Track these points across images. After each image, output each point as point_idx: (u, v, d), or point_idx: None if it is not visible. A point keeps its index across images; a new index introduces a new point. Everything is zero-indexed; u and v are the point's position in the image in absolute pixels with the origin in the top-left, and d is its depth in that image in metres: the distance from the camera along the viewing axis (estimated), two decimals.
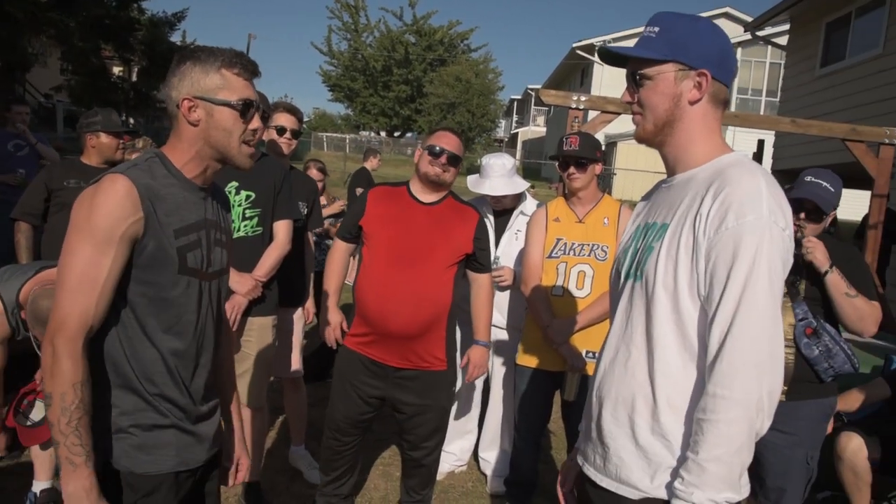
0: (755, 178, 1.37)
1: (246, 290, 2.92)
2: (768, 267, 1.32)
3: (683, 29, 1.45)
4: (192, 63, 1.57)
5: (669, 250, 1.43)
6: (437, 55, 35.84)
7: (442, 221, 2.81)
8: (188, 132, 1.60)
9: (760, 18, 12.60)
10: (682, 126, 1.48)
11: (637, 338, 1.49)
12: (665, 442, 1.43)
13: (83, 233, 1.45)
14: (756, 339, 1.31)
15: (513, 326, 3.62)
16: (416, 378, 2.78)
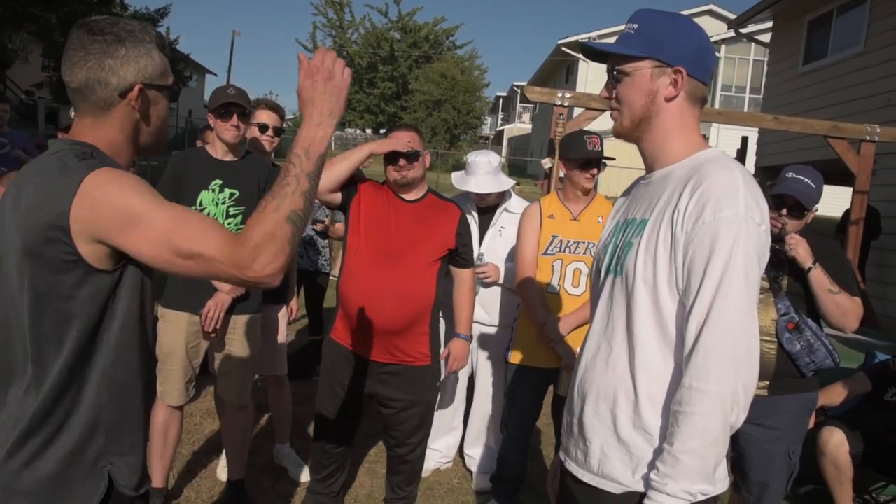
0: (732, 174, 1.39)
1: (229, 288, 2.90)
2: (744, 261, 1.33)
3: (661, 26, 1.47)
4: (132, 44, 1.38)
5: (648, 246, 1.45)
6: (422, 52, 35.79)
7: (425, 218, 2.82)
8: (127, 121, 1.42)
9: (744, 16, 12.69)
10: (659, 122, 1.49)
11: (618, 333, 1.50)
12: (646, 436, 1.44)
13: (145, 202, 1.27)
14: (731, 333, 1.32)
15: (499, 324, 3.62)
16: (400, 374, 2.79)
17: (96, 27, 1.36)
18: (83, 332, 1.31)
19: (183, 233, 1.25)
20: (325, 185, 2.73)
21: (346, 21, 36.85)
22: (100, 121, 1.40)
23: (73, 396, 1.32)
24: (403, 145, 2.75)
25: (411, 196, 2.85)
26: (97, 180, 1.26)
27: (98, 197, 1.25)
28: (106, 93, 1.37)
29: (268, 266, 1.24)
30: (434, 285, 2.79)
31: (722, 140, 19.29)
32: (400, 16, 36.07)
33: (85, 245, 1.27)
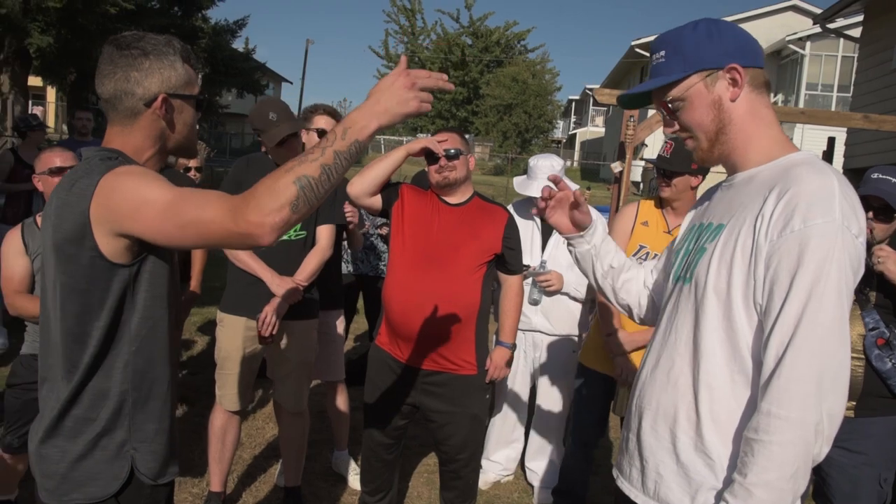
0: (826, 178, 1.25)
1: (286, 294, 2.89)
2: (838, 276, 1.19)
3: (689, 39, 1.38)
4: (156, 56, 1.45)
5: (724, 253, 1.32)
6: (493, 56, 35.70)
7: (469, 222, 2.73)
8: (155, 130, 1.49)
9: (831, 10, 12.05)
10: (735, 126, 1.38)
11: (681, 346, 1.39)
12: (708, 460, 1.32)
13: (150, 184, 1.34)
14: (819, 355, 1.19)
15: (561, 333, 3.50)
16: (445, 384, 2.70)
17: (123, 42, 1.45)
18: (105, 323, 1.40)
19: (186, 204, 1.29)
20: (363, 188, 2.70)
21: (417, 27, 37.17)
22: (127, 129, 1.48)
23: (99, 385, 1.43)
24: (439, 144, 2.67)
25: (455, 199, 2.77)
26: (113, 176, 1.34)
27: (113, 189, 1.33)
28: (132, 102, 1.45)
29: (263, 218, 1.22)
30: (479, 291, 2.69)
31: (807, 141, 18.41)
32: (471, 21, 36.09)
33: (104, 239, 1.35)
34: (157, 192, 1.31)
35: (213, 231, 1.27)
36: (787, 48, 21.79)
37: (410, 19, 37.12)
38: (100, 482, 1.44)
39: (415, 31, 37.13)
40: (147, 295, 1.44)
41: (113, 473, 1.44)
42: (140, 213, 1.31)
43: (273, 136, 2.87)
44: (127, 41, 1.45)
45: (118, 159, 1.42)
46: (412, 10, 37.03)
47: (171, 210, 1.29)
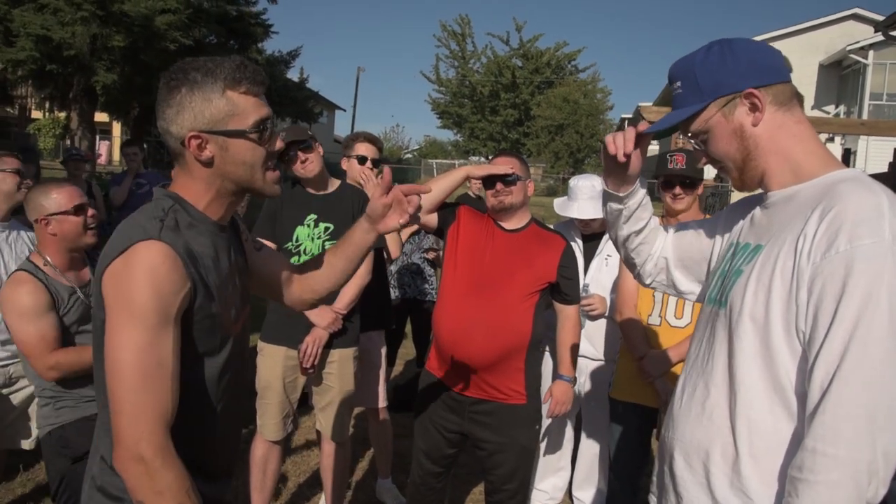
0: (874, 196, 1.16)
1: (326, 324, 2.90)
2: (890, 300, 1.10)
3: (701, 66, 1.32)
4: (188, 89, 1.30)
5: (762, 276, 1.25)
6: (544, 77, 35.69)
7: (523, 248, 2.68)
8: (201, 172, 1.35)
9: (894, 16, 11.60)
10: (762, 151, 1.31)
11: (717, 375, 1.31)
12: (746, 499, 1.24)
13: (134, 320, 1.21)
14: (870, 387, 1.09)
15: (606, 358, 3.40)
16: (493, 413, 2.64)
17: (167, 75, 1.34)
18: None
19: (122, 385, 1.20)
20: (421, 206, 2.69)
21: (468, 51, 37.50)
22: (182, 171, 1.37)
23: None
24: (500, 169, 2.65)
25: (511, 225, 2.73)
26: (134, 256, 1.23)
27: (120, 272, 1.24)
28: (172, 142, 1.34)
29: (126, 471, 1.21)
30: (530, 320, 2.63)
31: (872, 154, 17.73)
32: (521, 43, 36.21)
33: None
34: (129, 337, 1.21)
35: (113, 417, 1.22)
36: (849, 58, 21.12)
37: (461, 43, 37.49)
38: None
39: (465, 54, 37.46)
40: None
41: None
42: (111, 324, 1.23)
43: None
44: (170, 73, 1.33)
45: (164, 218, 1.30)
46: (462, 35, 37.42)
47: (119, 374, 1.21)
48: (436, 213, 2.73)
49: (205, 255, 1.34)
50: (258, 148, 1.37)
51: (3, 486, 3.42)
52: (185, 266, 1.27)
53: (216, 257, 1.38)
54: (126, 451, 1.20)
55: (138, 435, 1.19)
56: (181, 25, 16.78)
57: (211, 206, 1.39)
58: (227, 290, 1.41)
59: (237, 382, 1.50)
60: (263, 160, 1.38)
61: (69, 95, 18.44)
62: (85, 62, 16.33)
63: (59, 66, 16.53)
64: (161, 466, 1.20)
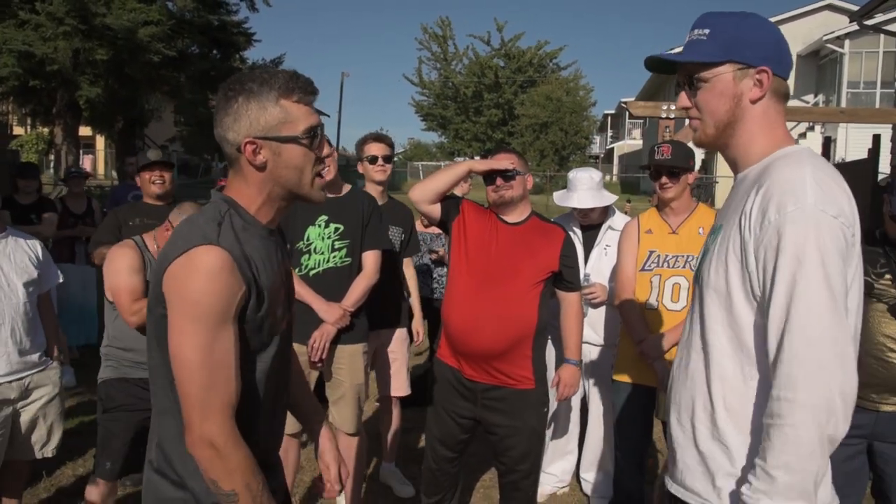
0: (799, 167, 1.31)
1: (334, 320, 3.00)
2: (820, 259, 1.24)
3: (736, 28, 1.41)
4: (245, 98, 1.40)
5: (720, 252, 1.40)
6: (526, 76, 35.94)
7: (526, 240, 2.80)
8: (255, 176, 1.44)
9: (867, 6, 11.83)
10: (744, 126, 1.43)
11: (695, 343, 1.47)
12: (723, 447, 1.39)
13: (194, 316, 1.31)
14: (814, 339, 1.24)
15: (608, 343, 3.53)
16: (504, 399, 2.76)
17: (226, 85, 1.44)
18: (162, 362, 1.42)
19: (192, 379, 1.32)
20: (424, 196, 2.83)
21: (449, 53, 37.68)
22: (237, 176, 1.47)
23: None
24: (501, 164, 2.77)
25: (513, 218, 2.85)
26: (194, 260, 1.32)
27: (180, 274, 1.33)
28: (229, 149, 1.44)
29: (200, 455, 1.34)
30: (536, 308, 2.76)
31: (851, 140, 17.99)
32: (503, 43, 36.46)
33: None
34: (191, 334, 1.31)
35: (185, 410, 1.34)
36: (826, 48, 21.43)
37: (442, 45, 37.68)
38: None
39: (447, 56, 37.64)
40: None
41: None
42: (173, 324, 1.34)
43: None
44: (229, 83, 1.44)
45: (222, 223, 1.39)
46: (443, 37, 37.60)
47: (183, 365, 1.32)
48: (439, 204, 2.86)
49: (257, 258, 1.42)
50: (309, 153, 1.46)
51: (28, 491, 3.49)
52: (240, 269, 1.35)
53: (267, 259, 1.46)
54: (200, 438, 1.32)
55: (209, 423, 1.32)
56: (164, 37, 16.81)
57: (262, 210, 1.48)
58: (276, 291, 1.48)
59: (283, 379, 1.60)
60: (313, 165, 1.47)
61: (53, 110, 18.40)
62: (68, 77, 16.31)
63: (43, 82, 16.51)
64: (232, 450, 1.33)
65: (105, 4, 16.07)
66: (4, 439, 2.93)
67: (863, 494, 2.59)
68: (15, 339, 2.91)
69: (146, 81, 18.00)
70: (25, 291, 2.99)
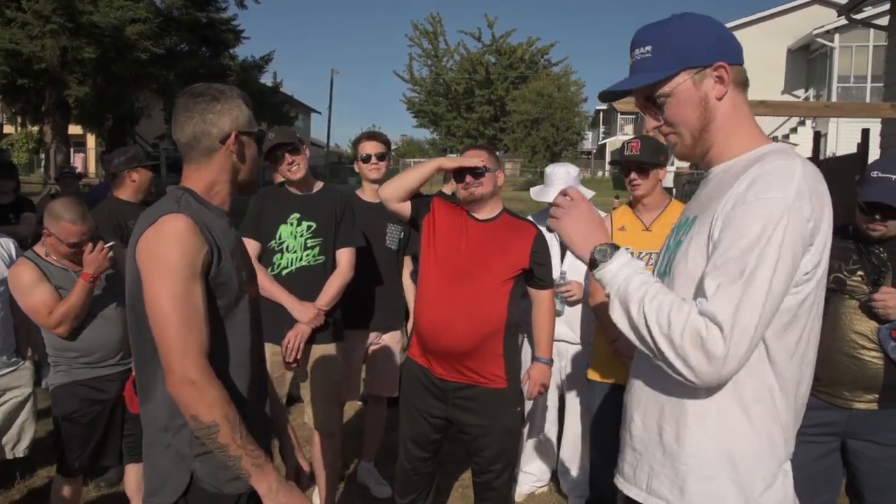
0: (791, 161, 1.30)
1: (308, 319, 2.98)
2: (774, 252, 1.22)
3: (676, 34, 1.39)
4: (225, 99, 1.67)
5: (697, 241, 1.37)
6: (518, 73, 35.89)
7: (496, 237, 2.78)
8: (227, 164, 1.69)
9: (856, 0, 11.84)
10: (717, 125, 1.41)
11: None
12: (694, 449, 1.35)
13: (167, 272, 1.49)
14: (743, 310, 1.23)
15: (585, 341, 3.51)
16: (476, 398, 2.74)
17: (196, 91, 1.68)
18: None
19: (169, 326, 1.48)
20: (392, 193, 2.80)
21: (440, 49, 37.60)
22: (203, 166, 1.68)
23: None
24: (470, 162, 2.75)
25: (483, 215, 2.82)
26: (162, 226, 1.53)
27: (151, 239, 1.54)
28: (209, 141, 1.66)
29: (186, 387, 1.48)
30: (505, 305, 2.73)
31: (842, 136, 18.00)
32: (493, 39, 36.41)
33: None
34: (164, 288, 1.49)
35: (164, 354, 1.49)
36: (816, 42, 21.45)
37: (433, 42, 37.58)
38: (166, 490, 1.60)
39: (438, 53, 37.55)
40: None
41: (177, 481, 1.59)
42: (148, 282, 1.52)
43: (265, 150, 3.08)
44: (199, 90, 1.68)
45: (179, 201, 1.60)
46: (434, 33, 37.51)
47: (157, 320, 1.50)
48: (409, 203, 2.83)
49: (213, 226, 1.63)
50: (256, 149, 1.77)
51: (1, 493, 3.47)
52: (202, 231, 1.56)
53: (223, 230, 1.67)
54: (179, 377, 1.47)
55: (188, 362, 1.47)
56: (152, 35, 16.72)
57: (218, 194, 1.71)
58: (237, 256, 1.69)
59: (258, 340, 1.76)
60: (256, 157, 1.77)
61: (42, 109, 18.29)
62: (56, 75, 16.22)
63: (31, 80, 16.41)
64: (208, 385, 1.48)
65: (92, 2, 15.96)
66: None
67: (837, 493, 2.57)
68: None
69: (134, 79, 17.91)
70: None
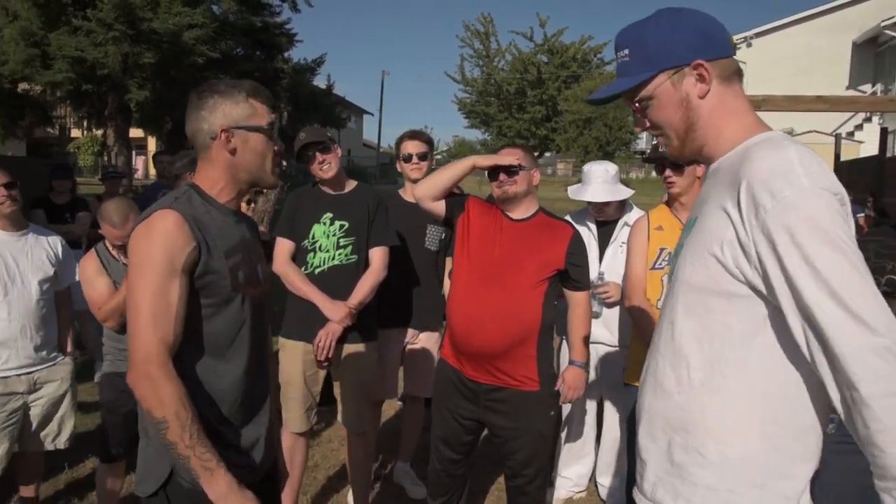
0: (781, 149, 1.21)
1: (339, 318, 2.98)
2: (828, 235, 1.12)
3: (651, 35, 1.33)
4: (219, 96, 1.65)
5: (696, 245, 1.30)
6: (570, 72, 35.50)
7: (530, 237, 2.72)
8: (223, 160, 1.68)
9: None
10: (704, 123, 1.34)
11: (663, 345, 1.37)
12: (701, 460, 1.28)
13: (147, 266, 1.52)
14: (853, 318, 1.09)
15: (623, 344, 3.42)
16: (507, 400, 2.69)
17: (201, 89, 1.70)
18: None
19: (138, 319, 1.51)
20: (427, 193, 2.78)
21: (492, 50, 37.48)
22: (206, 163, 1.71)
23: None
24: (504, 160, 2.70)
25: (518, 215, 2.77)
26: (150, 223, 1.57)
27: (140, 234, 1.58)
28: (202, 138, 1.67)
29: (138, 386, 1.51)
30: (539, 307, 2.67)
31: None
32: (546, 38, 36.08)
33: None
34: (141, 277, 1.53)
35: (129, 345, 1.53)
36: (884, 34, 20.52)
37: (484, 42, 37.49)
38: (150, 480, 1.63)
39: (489, 53, 37.44)
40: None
41: (158, 472, 1.61)
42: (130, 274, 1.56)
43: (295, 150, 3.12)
44: (204, 87, 1.69)
45: (180, 198, 1.64)
46: (485, 33, 37.41)
47: (132, 309, 1.53)
48: (444, 202, 2.80)
49: (212, 225, 1.64)
50: (270, 143, 1.71)
51: (50, 482, 3.59)
52: (191, 228, 1.57)
53: (224, 228, 1.68)
54: (137, 370, 1.51)
55: (148, 358, 1.49)
56: (208, 39, 17.12)
57: (224, 191, 1.71)
58: (236, 256, 1.68)
59: (257, 343, 1.75)
60: (272, 154, 1.73)
61: (105, 113, 18.96)
62: (118, 80, 16.76)
63: (94, 86, 17.00)
64: (165, 381, 1.49)
65: (152, 9, 16.45)
66: (15, 429, 3.03)
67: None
68: (26, 334, 2.99)
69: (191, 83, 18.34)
70: (40, 289, 3.07)
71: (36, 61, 16.01)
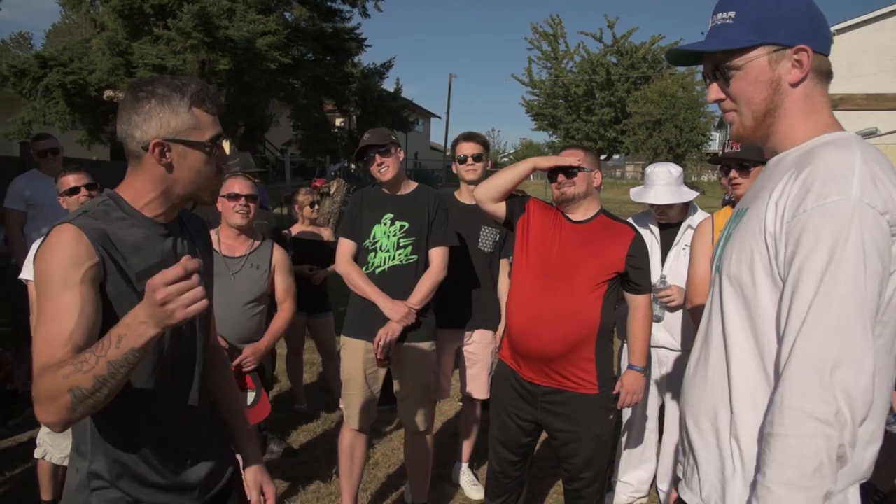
0: (849, 153, 1.17)
1: (399, 317, 3.02)
2: (855, 257, 1.10)
3: (764, 4, 1.27)
4: (157, 101, 1.44)
5: (743, 237, 1.28)
6: (640, 73, 34.82)
7: (590, 239, 2.71)
8: (156, 174, 1.48)
9: None
10: (784, 112, 1.30)
11: (714, 337, 1.34)
12: (749, 456, 1.26)
13: (44, 291, 1.36)
14: (832, 343, 1.10)
15: (686, 348, 3.35)
16: (565, 403, 2.68)
17: (138, 85, 1.48)
18: None
19: (40, 333, 1.33)
20: (487, 194, 2.81)
21: (560, 51, 37.13)
22: (135, 171, 1.50)
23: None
24: (564, 161, 2.70)
25: (578, 216, 2.76)
26: (48, 239, 1.40)
27: (39, 252, 1.40)
28: (133, 145, 1.47)
29: (44, 416, 1.29)
30: (598, 310, 2.65)
31: None
32: (615, 39, 35.49)
33: None
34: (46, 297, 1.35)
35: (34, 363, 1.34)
36: None
37: (552, 44, 37.15)
38: None
39: (557, 55, 37.10)
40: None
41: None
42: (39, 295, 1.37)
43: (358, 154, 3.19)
44: (140, 84, 1.47)
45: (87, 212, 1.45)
46: (554, 35, 37.07)
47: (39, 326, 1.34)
48: (504, 203, 2.81)
49: (128, 240, 1.46)
50: (210, 160, 1.52)
51: None
52: (91, 243, 1.39)
53: (143, 245, 1.48)
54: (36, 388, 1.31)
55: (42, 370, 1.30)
56: (280, 45, 17.57)
57: (151, 205, 1.51)
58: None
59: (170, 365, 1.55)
60: (211, 170, 1.53)
61: None
62: None
63: None
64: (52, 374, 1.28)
65: (227, 18, 17.03)
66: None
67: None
68: None
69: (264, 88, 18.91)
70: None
71: (120, 70, 16.77)
